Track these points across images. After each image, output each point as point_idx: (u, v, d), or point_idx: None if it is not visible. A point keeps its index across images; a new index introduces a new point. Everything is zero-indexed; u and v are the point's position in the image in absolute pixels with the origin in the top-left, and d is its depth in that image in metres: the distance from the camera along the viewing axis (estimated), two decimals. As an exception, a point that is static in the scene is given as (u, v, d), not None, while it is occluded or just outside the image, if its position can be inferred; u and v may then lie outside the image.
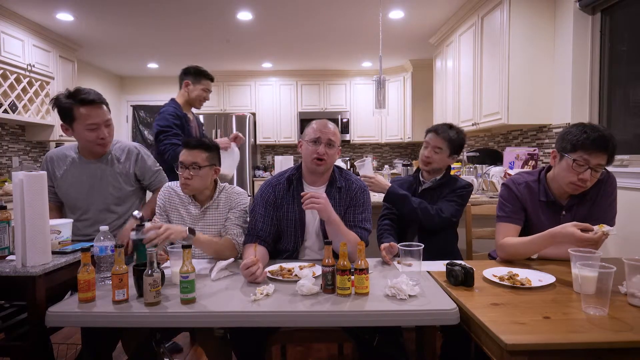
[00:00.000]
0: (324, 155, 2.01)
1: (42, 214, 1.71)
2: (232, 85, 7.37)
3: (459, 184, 2.32)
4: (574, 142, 1.79)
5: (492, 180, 3.58)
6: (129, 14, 4.59)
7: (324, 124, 2.07)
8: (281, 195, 2.10)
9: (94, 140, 2.23)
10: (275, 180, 2.15)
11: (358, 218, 2.07)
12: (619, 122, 3.22)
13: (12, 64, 4.42)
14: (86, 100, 2.17)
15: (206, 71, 3.28)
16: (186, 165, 2.07)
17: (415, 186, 2.42)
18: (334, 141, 2.04)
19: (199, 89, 3.21)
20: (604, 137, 1.75)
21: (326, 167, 2.08)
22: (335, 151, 2.07)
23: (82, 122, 2.19)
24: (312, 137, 2.03)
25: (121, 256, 1.50)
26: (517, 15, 3.64)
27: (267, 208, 2.09)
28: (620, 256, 1.66)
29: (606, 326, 1.26)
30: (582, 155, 1.77)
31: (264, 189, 2.14)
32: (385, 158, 8.00)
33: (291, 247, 2.11)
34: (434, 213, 2.20)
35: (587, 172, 1.77)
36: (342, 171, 2.19)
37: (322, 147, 2.01)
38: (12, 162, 4.98)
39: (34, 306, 1.65)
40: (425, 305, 1.45)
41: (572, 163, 1.79)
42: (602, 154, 1.76)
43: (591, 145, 1.75)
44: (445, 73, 5.23)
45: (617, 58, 3.22)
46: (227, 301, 1.53)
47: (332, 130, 2.06)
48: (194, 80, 3.21)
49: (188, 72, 3.22)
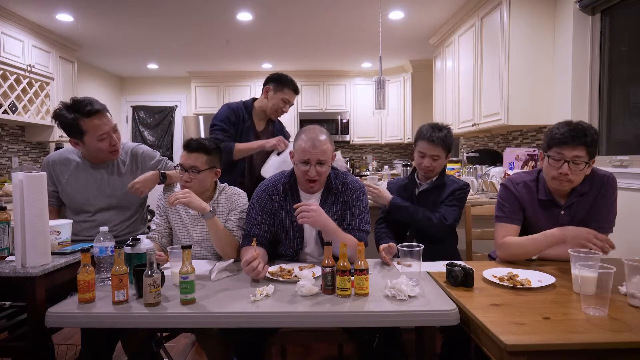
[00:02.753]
0: (315, 176, 1.95)
1: (41, 215, 1.71)
2: (232, 86, 7.37)
3: (457, 186, 2.31)
4: (547, 140, 1.88)
5: (492, 181, 3.58)
6: (129, 14, 4.59)
7: (312, 142, 1.92)
8: (277, 203, 2.06)
9: (106, 149, 2.23)
10: (271, 186, 2.09)
11: (355, 221, 2.04)
12: (619, 123, 3.22)
13: (12, 65, 4.42)
14: (92, 111, 2.14)
15: (292, 81, 2.97)
16: (185, 168, 2.06)
17: (412, 188, 2.40)
18: (325, 160, 1.94)
19: (279, 97, 2.91)
20: (575, 130, 1.81)
21: (320, 184, 2.04)
22: (327, 166, 1.99)
23: (92, 134, 2.17)
24: (301, 158, 1.94)
25: (121, 257, 1.50)
26: (517, 15, 3.64)
27: (263, 215, 2.05)
28: (620, 257, 1.66)
29: (606, 327, 1.26)
30: (556, 150, 1.84)
31: (260, 193, 2.09)
32: (385, 159, 8.01)
33: (291, 253, 2.10)
34: (436, 222, 2.19)
35: (565, 166, 1.82)
36: (338, 174, 2.12)
37: (312, 169, 1.93)
38: (12, 162, 4.98)
39: (34, 307, 1.65)
40: (425, 306, 1.45)
41: (548, 160, 1.88)
42: (576, 147, 1.80)
43: (562, 139, 1.82)
44: (445, 74, 5.24)
45: (617, 58, 3.23)
46: (227, 302, 1.53)
47: (321, 149, 1.92)
48: (276, 88, 2.91)
49: (272, 79, 2.95)
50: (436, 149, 2.24)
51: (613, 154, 3.16)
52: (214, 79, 7.42)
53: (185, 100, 7.89)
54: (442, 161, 2.29)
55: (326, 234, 1.89)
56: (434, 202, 2.30)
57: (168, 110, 7.88)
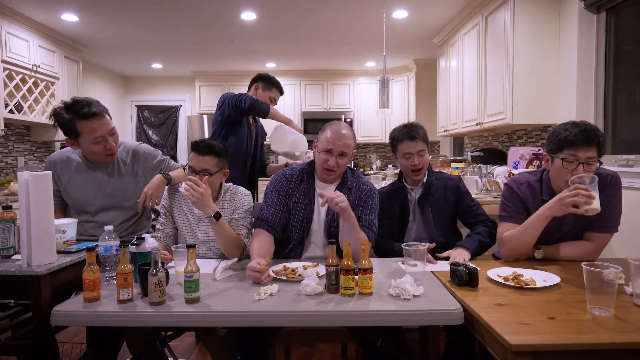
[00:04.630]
0: (334, 167, 2.03)
1: (47, 214, 1.71)
2: (236, 85, 7.36)
3: (458, 188, 2.33)
4: (558, 142, 1.82)
5: (497, 180, 3.57)
6: (133, 14, 4.61)
7: (338, 134, 2.03)
8: (293, 185, 2.13)
9: (101, 152, 2.21)
10: (289, 171, 2.18)
11: (366, 219, 2.06)
12: (624, 122, 3.21)
13: (17, 65, 4.45)
14: (88, 114, 2.10)
15: (279, 82, 3.26)
16: (197, 171, 2.06)
17: (403, 194, 2.37)
18: (347, 152, 2.03)
19: (266, 96, 3.14)
20: (585, 130, 1.77)
21: (337, 175, 2.10)
22: (348, 160, 2.07)
23: (87, 137, 2.15)
24: (325, 147, 2.03)
25: (126, 256, 1.50)
26: (521, 14, 3.62)
27: (280, 195, 2.10)
28: (625, 256, 1.65)
29: (612, 327, 1.25)
30: (569, 152, 1.79)
31: (277, 176, 2.17)
32: (389, 158, 7.99)
33: (296, 238, 2.10)
34: (494, 229, 2.16)
35: (580, 168, 1.78)
36: (354, 172, 2.21)
37: (333, 159, 2.02)
38: (18, 162, 5.01)
39: (39, 305, 1.65)
40: (429, 305, 1.45)
41: (562, 162, 1.81)
42: (588, 147, 1.77)
43: (574, 141, 1.77)
44: (449, 73, 5.22)
45: (622, 57, 3.21)
46: (231, 301, 1.53)
47: (346, 141, 2.03)
48: (265, 87, 3.16)
49: (261, 77, 3.18)
50: (419, 144, 2.25)
51: (618, 153, 3.15)
52: (218, 78, 7.43)
53: (190, 100, 7.90)
54: (427, 156, 2.30)
55: (346, 222, 1.87)
56: (436, 203, 2.30)
57: (172, 109, 7.90)
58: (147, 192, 2.23)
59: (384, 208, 2.33)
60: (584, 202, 1.67)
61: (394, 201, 2.36)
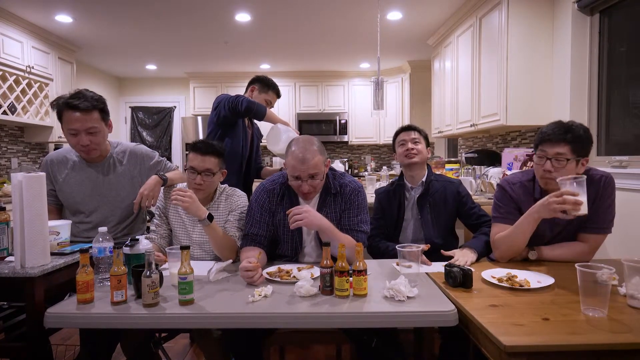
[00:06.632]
0: (309, 189, 1.96)
1: (40, 215, 1.71)
2: (231, 86, 7.36)
3: (459, 192, 2.34)
4: (537, 138, 1.92)
5: (491, 182, 3.58)
6: (128, 15, 4.59)
7: (300, 157, 1.90)
8: (275, 203, 2.07)
9: (74, 145, 2.19)
10: (269, 185, 2.10)
11: (354, 221, 2.04)
12: (618, 123, 3.23)
13: (11, 66, 4.42)
14: (71, 104, 2.11)
15: (277, 85, 3.23)
16: (198, 171, 2.05)
17: (401, 192, 2.38)
18: (316, 173, 1.93)
19: (262, 98, 3.11)
20: (558, 127, 1.83)
21: (316, 191, 2.04)
22: (321, 176, 1.98)
23: (65, 126, 2.15)
24: (292, 174, 1.96)
25: (120, 257, 1.49)
26: (515, 16, 3.64)
27: (262, 214, 2.05)
28: (619, 257, 1.66)
29: (605, 328, 1.26)
30: (540, 148, 1.88)
31: (258, 193, 2.10)
32: (384, 159, 8.01)
33: (290, 254, 2.10)
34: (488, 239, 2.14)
35: (548, 163, 1.84)
36: (336, 175, 2.13)
37: (305, 183, 1.94)
38: (11, 163, 4.98)
39: (33, 307, 1.65)
40: (423, 307, 1.45)
41: (535, 159, 1.91)
42: (557, 144, 1.81)
43: (544, 138, 1.86)
44: (444, 74, 5.24)
45: (616, 59, 3.23)
46: (226, 302, 1.52)
47: (310, 164, 1.90)
48: (261, 89, 3.13)
49: (258, 80, 3.16)
50: (413, 133, 2.35)
51: (612, 154, 3.17)
52: (213, 79, 7.42)
53: (184, 101, 7.88)
54: (423, 145, 2.34)
55: (323, 234, 1.89)
56: (436, 204, 2.31)
57: (167, 111, 7.88)
58: (143, 193, 2.23)
59: (382, 207, 2.34)
60: (571, 208, 1.67)
61: (392, 199, 2.38)
